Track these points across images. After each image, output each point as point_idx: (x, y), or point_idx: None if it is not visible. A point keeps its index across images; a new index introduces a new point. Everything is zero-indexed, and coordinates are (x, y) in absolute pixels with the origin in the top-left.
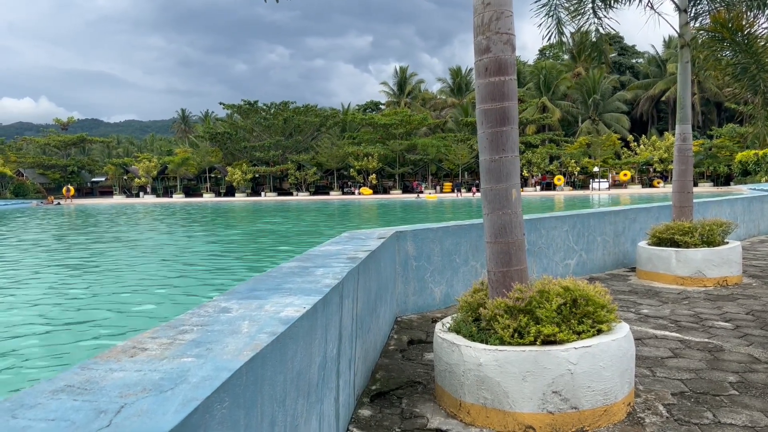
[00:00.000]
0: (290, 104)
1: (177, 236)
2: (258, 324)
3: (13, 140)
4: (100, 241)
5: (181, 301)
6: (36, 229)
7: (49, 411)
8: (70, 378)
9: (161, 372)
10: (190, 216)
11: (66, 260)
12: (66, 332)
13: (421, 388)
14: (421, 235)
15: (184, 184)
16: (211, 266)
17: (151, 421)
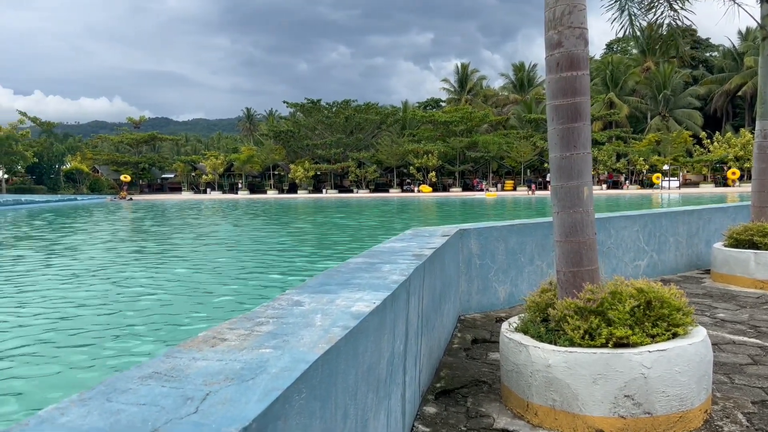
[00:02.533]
0: (351, 102)
1: (245, 231)
2: (330, 318)
3: (89, 138)
4: (171, 234)
5: (251, 293)
6: (113, 222)
7: (139, 396)
8: (157, 365)
9: (241, 362)
10: (256, 212)
11: (141, 252)
12: (143, 320)
13: (486, 387)
14: (485, 233)
15: (249, 180)
16: (279, 260)
17: (235, 409)
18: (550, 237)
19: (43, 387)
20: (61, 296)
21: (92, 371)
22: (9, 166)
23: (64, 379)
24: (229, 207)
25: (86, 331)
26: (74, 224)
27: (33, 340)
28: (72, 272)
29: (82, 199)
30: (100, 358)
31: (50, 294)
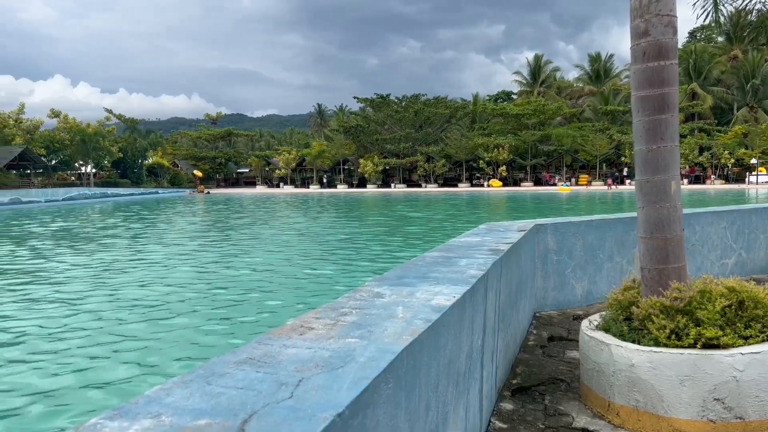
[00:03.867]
0: (421, 97)
1: (319, 224)
2: (412, 310)
3: (170, 134)
4: (250, 226)
5: (329, 283)
6: (194, 214)
7: (236, 380)
8: (251, 351)
9: (330, 350)
10: (328, 205)
11: (223, 242)
12: (227, 307)
13: (565, 385)
14: (562, 228)
15: (320, 175)
16: (352, 251)
17: (328, 395)
18: (630, 233)
19: (141, 369)
20: (149, 285)
21: (182, 355)
22: (97, 161)
23: (160, 360)
24: (301, 201)
25: (175, 318)
26: (158, 216)
27: (129, 325)
28: (159, 261)
29: (163, 192)
30: (189, 343)
31: (139, 282)
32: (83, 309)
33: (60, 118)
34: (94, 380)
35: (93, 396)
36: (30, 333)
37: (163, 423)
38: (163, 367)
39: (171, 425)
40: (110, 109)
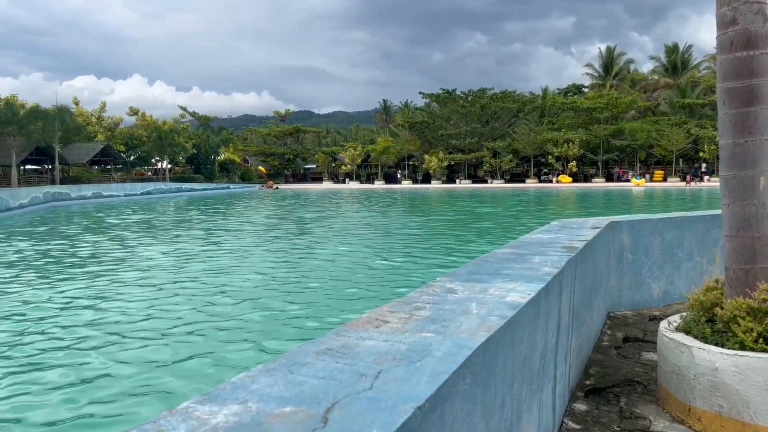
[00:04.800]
0: (487, 91)
1: (386, 218)
2: (486, 307)
3: (240, 131)
4: (320, 220)
5: (396, 277)
6: (266, 208)
7: (317, 370)
8: (329, 342)
9: (406, 344)
10: (394, 201)
11: (293, 235)
12: (297, 297)
13: (641, 388)
14: (639, 226)
15: (385, 171)
16: (419, 246)
17: (407, 388)
18: (712, 231)
19: (221, 356)
20: (226, 275)
21: (258, 344)
22: (172, 157)
23: (238, 347)
24: (366, 196)
25: (251, 306)
26: (231, 210)
27: (209, 312)
28: (234, 252)
29: (235, 187)
30: (265, 332)
31: (217, 272)
32: (165, 296)
33: (138, 115)
34: (177, 365)
35: (175, 381)
36: (114, 317)
37: (249, 409)
38: (240, 354)
39: (257, 411)
40: (184, 106)
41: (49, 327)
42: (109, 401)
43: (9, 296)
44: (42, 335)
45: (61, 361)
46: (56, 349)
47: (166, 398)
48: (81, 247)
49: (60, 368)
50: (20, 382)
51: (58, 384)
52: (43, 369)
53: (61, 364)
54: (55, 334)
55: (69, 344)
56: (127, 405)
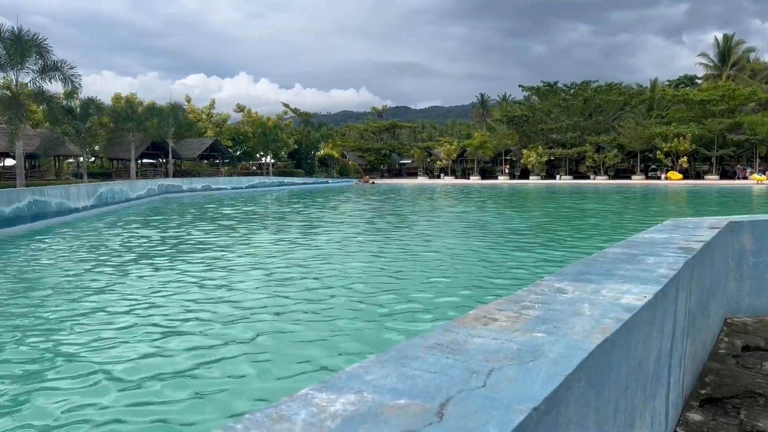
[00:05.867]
0: (591, 83)
1: (485, 213)
2: (599, 308)
3: (339, 127)
4: (418, 214)
5: (500, 274)
6: (366, 202)
7: (428, 364)
8: (438, 338)
9: (517, 343)
10: (491, 196)
11: (392, 230)
12: (399, 290)
13: (763, 401)
14: (762, 227)
15: (481, 166)
16: (522, 243)
17: (522, 388)
18: None
19: (325, 349)
20: (329, 264)
21: (365, 334)
22: (275, 152)
23: (345, 337)
24: (462, 191)
25: (352, 298)
26: (331, 203)
27: (313, 299)
28: (336, 243)
29: (333, 182)
30: (369, 323)
31: (321, 260)
32: (274, 283)
33: (244, 112)
34: (285, 352)
35: (282, 365)
36: (223, 300)
37: (365, 399)
38: (349, 343)
39: (373, 401)
40: (287, 103)
41: (168, 306)
42: (220, 382)
43: (130, 277)
44: (159, 314)
45: (177, 339)
46: (170, 330)
47: (274, 383)
48: (194, 235)
49: (176, 339)
50: (149, 354)
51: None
52: (164, 345)
53: (175, 340)
54: (170, 314)
55: (177, 325)
56: (238, 387)
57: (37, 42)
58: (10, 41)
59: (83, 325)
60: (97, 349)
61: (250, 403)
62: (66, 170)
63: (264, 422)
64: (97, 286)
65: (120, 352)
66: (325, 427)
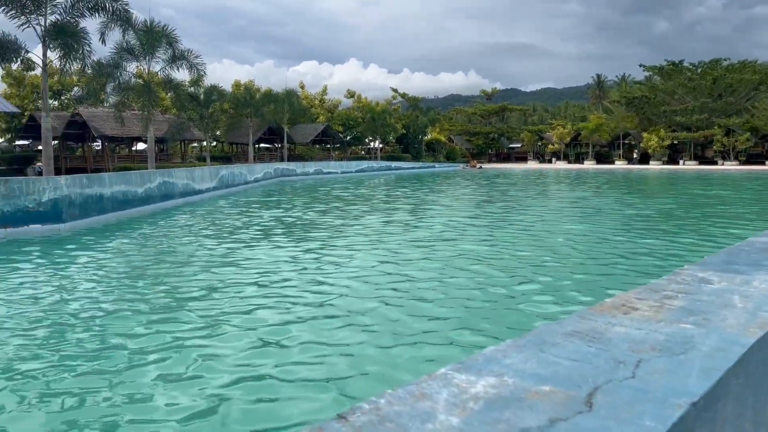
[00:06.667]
0: (721, 61)
1: (604, 199)
2: (753, 301)
3: (446, 111)
4: (529, 199)
5: (622, 262)
6: (477, 187)
7: (569, 351)
8: (575, 325)
9: (663, 334)
10: (609, 182)
11: (506, 214)
12: (522, 276)
13: None
14: None
15: (596, 150)
16: (650, 231)
17: (676, 381)
18: None
19: (460, 323)
20: (447, 244)
21: (497, 318)
22: (383, 136)
23: (478, 321)
24: (576, 176)
25: (476, 279)
26: (440, 186)
27: (435, 282)
28: (451, 226)
29: (439, 166)
30: (497, 307)
31: (439, 240)
32: (389, 261)
33: (354, 98)
34: (412, 327)
35: (410, 343)
36: (344, 276)
37: (506, 383)
38: (476, 326)
39: (515, 386)
40: (395, 88)
41: (294, 279)
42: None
43: (255, 252)
44: (277, 290)
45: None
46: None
47: (404, 360)
48: (310, 215)
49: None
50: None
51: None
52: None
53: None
54: (298, 285)
55: (303, 297)
56: (373, 364)
57: (166, 32)
58: (143, 32)
59: (221, 292)
60: (238, 313)
61: (375, 378)
62: (191, 154)
63: (406, 399)
64: (226, 260)
65: (259, 317)
66: (468, 408)
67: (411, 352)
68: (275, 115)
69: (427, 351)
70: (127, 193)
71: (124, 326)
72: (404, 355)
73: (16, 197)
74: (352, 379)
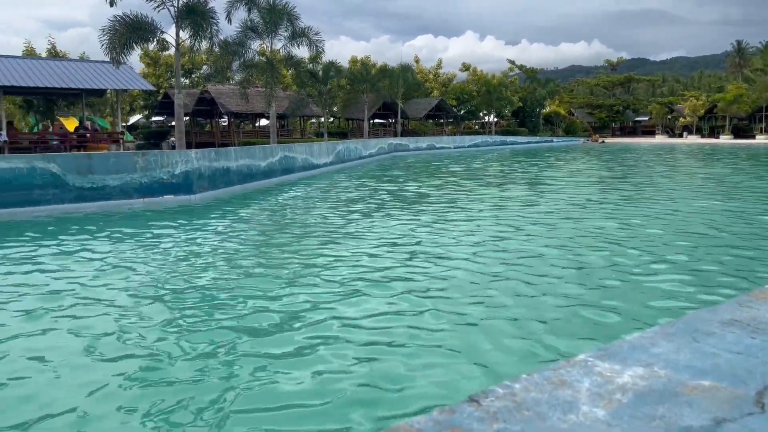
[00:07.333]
0: None
1: (743, 177)
2: None
3: (566, 83)
4: (662, 176)
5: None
6: (597, 163)
7: (728, 343)
8: (733, 312)
9: None
10: (752, 158)
11: (640, 193)
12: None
13: None
14: None
15: (734, 123)
16: None
17: None
18: None
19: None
20: (572, 227)
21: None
22: (498, 110)
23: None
24: (713, 152)
25: (609, 260)
26: (560, 162)
27: (565, 261)
28: (577, 203)
29: (558, 141)
30: (635, 290)
31: (564, 219)
32: (514, 236)
33: (469, 71)
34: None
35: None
36: (456, 254)
37: (657, 374)
38: (610, 305)
39: (668, 379)
40: (512, 60)
41: (422, 246)
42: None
43: (375, 222)
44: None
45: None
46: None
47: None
48: (425, 190)
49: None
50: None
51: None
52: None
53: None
54: (424, 252)
55: (427, 267)
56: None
57: (287, 10)
58: (266, 10)
59: (343, 261)
60: (363, 280)
61: (509, 354)
62: (309, 130)
63: (544, 385)
64: (346, 231)
65: (385, 285)
66: (614, 400)
67: (542, 331)
68: (390, 90)
69: (558, 331)
70: (251, 166)
71: (264, 289)
72: (535, 333)
73: (152, 169)
74: (488, 353)
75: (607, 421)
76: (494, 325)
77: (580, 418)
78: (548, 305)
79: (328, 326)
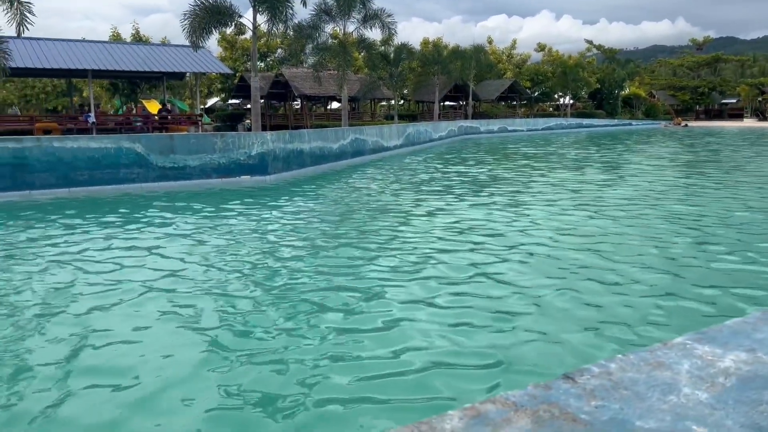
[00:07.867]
0: None
1: None
2: None
3: (648, 63)
4: (749, 162)
5: None
6: (681, 148)
7: None
8: None
9: None
10: None
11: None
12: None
13: None
14: None
15: None
16: None
17: None
18: None
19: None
20: (658, 214)
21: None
22: (575, 92)
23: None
24: None
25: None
26: (642, 146)
27: (652, 247)
28: (659, 189)
29: (637, 124)
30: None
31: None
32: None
33: (545, 51)
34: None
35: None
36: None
37: (761, 360)
38: (700, 291)
39: None
40: (590, 40)
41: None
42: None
43: (449, 204)
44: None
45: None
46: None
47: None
48: (497, 172)
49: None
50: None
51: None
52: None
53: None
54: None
55: (502, 250)
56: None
57: None
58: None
59: (412, 242)
60: (434, 259)
61: (595, 336)
62: (379, 112)
63: (640, 366)
64: (416, 212)
65: (457, 264)
66: (717, 383)
67: (632, 314)
68: (462, 72)
69: (649, 316)
70: (323, 148)
71: (343, 265)
72: (629, 318)
73: (230, 150)
74: (577, 335)
75: (711, 404)
76: (577, 310)
77: (681, 400)
78: (634, 290)
79: (407, 305)
